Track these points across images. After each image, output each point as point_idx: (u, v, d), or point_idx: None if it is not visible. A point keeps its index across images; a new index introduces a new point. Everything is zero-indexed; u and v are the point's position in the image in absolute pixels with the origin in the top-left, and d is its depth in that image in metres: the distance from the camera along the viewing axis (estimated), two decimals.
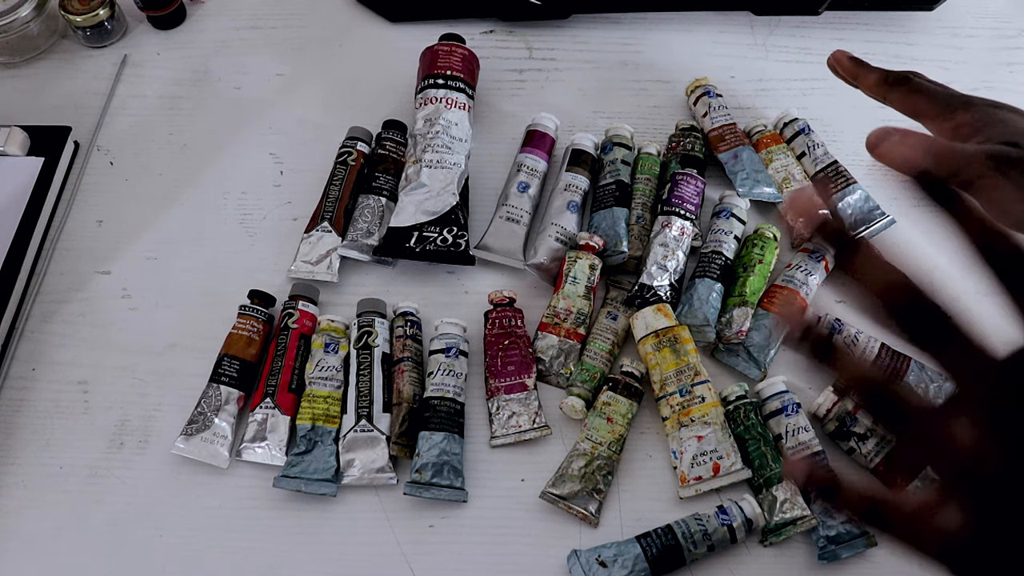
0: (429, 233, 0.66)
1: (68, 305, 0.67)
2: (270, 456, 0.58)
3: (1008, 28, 0.83)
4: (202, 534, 0.57)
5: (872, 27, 0.82)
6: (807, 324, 0.31)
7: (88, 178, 0.74)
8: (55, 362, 0.64)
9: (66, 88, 0.79)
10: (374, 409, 0.59)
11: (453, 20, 0.82)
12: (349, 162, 0.70)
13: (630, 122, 0.73)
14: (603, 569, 0.53)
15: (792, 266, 0.65)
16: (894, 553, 0.55)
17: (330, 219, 0.68)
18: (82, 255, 0.69)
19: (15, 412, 0.62)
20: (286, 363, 0.61)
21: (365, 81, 0.79)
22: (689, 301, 0.63)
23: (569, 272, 0.63)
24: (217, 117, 0.77)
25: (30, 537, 0.57)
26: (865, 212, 0.68)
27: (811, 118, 0.73)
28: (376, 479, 0.58)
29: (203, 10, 0.85)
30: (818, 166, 0.70)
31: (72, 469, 0.60)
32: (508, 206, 0.68)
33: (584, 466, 0.57)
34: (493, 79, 0.79)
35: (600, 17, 0.83)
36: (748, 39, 0.82)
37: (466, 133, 0.70)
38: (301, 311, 0.63)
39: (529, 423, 0.59)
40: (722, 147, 0.70)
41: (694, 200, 0.66)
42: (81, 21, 0.78)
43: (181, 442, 0.59)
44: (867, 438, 0.57)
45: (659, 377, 0.59)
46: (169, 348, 0.65)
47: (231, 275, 0.68)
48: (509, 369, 0.61)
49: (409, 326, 0.63)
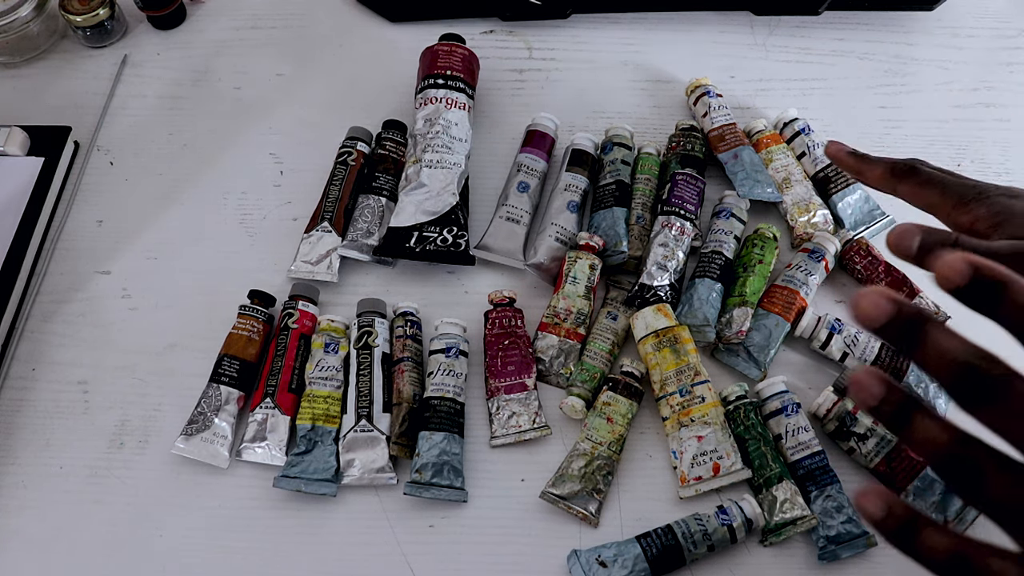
0: (429, 233, 0.66)
1: (68, 305, 0.67)
2: (270, 456, 0.58)
3: (1008, 28, 0.83)
4: (202, 534, 0.57)
5: (872, 27, 0.83)
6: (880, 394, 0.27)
7: (88, 178, 0.74)
8: (55, 362, 0.64)
9: (66, 88, 0.79)
10: (374, 409, 0.59)
11: (453, 20, 0.82)
12: (349, 162, 0.70)
13: (630, 122, 0.73)
14: (603, 569, 0.53)
15: (792, 266, 0.65)
16: (894, 553, 0.55)
17: (330, 219, 0.68)
18: (82, 255, 0.69)
19: (15, 412, 0.62)
20: (286, 363, 0.61)
21: (365, 81, 0.79)
22: (689, 301, 0.63)
23: (569, 272, 0.63)
24: (217, 117, 0.77)
25: (30, 537, 0.57)
26: (865, 212, 0.68)
27: (811, 118, 0.73)
28: (376, 479, 0.58)
29: (203, 10, 0.85)
30: (818, 166, 0.70)
31: (72, 469, 0.60)
32: (508, 206, 0.68)
33: (584, 466, 0.57)
34: (493, 79, 0.79)
35: (600, 17, 0.83)
36: (748, 39, 0.82)
37: (466, 133, 0.70)
38: (301, 311, 0.63)
39: (529, 423, 0.59)
40: (722, 147, 0.70)
41: (694, 200, 0.66)
42: (81, 21, 0.78)
43: (181, 442, 0.59)
44: (867, 438, 0.57)
45: (659, 377, 0.59)
46: (169, 348, 0.65)
47: (231, 275, 0.68)
48: (509, 369, 0.61)
49: (409, 326, 0.63)
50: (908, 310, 0.26)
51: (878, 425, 0.57)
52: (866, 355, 0.60)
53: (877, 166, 0.46)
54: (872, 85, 0.79)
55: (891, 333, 0.27)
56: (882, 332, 0.27)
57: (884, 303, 0.26)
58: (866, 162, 0.47)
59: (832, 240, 0.65)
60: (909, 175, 0.44)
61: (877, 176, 0.46)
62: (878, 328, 0.26)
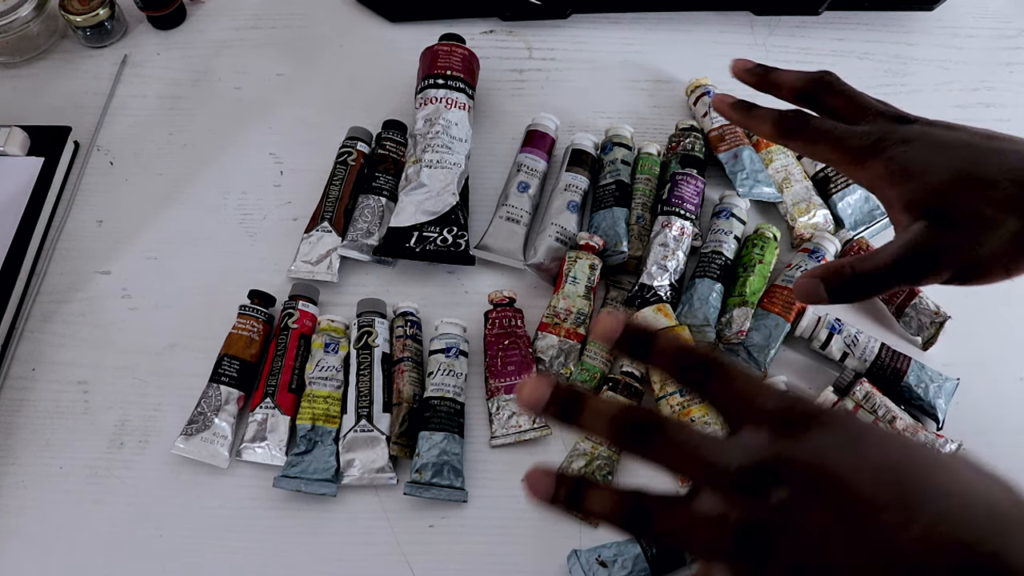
0: (429, 233, 0.66)
1: (68, 305, 0.67)
2: (270, 456, 0.58)
3: (1008, 28, 0.83)
4: (202, 534, 0.57)
5: (872, 27, 0.82)
6: (550, 485, 0.30)
7: (88, 178, 0.74)
8: (55, 362, 0.64)
9: (66, 88, 0.79)
10: (374, 409, 0.59)
11: (453, 20, 0.82)
12: (349, 162, 0.70)
13: (630, 122, 0.73)
14: (603, 569, 0.53)
15: (792, 266, 0.65)
16: None
17: (330, 219, 0.68)
18: (82, 255, 0.69)
19: (15, 412, 0.62)
20: (286, 363, 0.61)
21: (365, 81, 0.79)
22: (689, 301, 0.63)
23: (569, 272, 0.63)
24: (217, 117, 0.77)
25: (30, 537, 0.57)
26: (865, 212, 0.68)
27: None
28: (376, 479, 0.58)
29: (203, 10, 0.85)
30: (818, 166, 0.70)
31: (72, 469, 0.60)
32: (508, 206, 0.68)
33: (584, 466, 0.57)
34: (493, 79, 0.79)
35: (600, 17, 0.83)
36: (748, 39, 0.82)
37: (466, 133, 0.70)
38: (301, 311, 0.63)
39: (529, 423, 0.59)
40: (722, 147, 0.70)
41: (694, 200, 0.66)
42: (81, 21, 0.78)
43: (181, 442, 0.59)
44: None
45: (659, 377, 0.59)
46: (169, 348, 0.65)
47: (231, 275, 0.68)
48: (509, 369, 0.61)
49: (409, 326, 0.63)
50: (562, 392, 0.31)
51: (877, 425, 0.57)
52: (866, 355, 0.60)
53: (764, 121, 0.43)
54: (872, 85, 0.79)
55: (554, 411, 0.30)
56: (546, 410, 0.30)
57: (542, 386, 0.30)
58: (753, 116, 0.43)
59: (832, 240, 0.65)
60: (797, 131, 0.41)
61: (765, 132, 0.43)
62: (542, 409, 0.30)
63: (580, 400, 0.30)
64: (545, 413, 0.31)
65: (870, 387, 0.58)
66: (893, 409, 0.58)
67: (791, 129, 0.42)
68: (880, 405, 0.58)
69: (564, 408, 0.31)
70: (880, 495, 0.26)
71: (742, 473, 0.28)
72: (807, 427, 0.29)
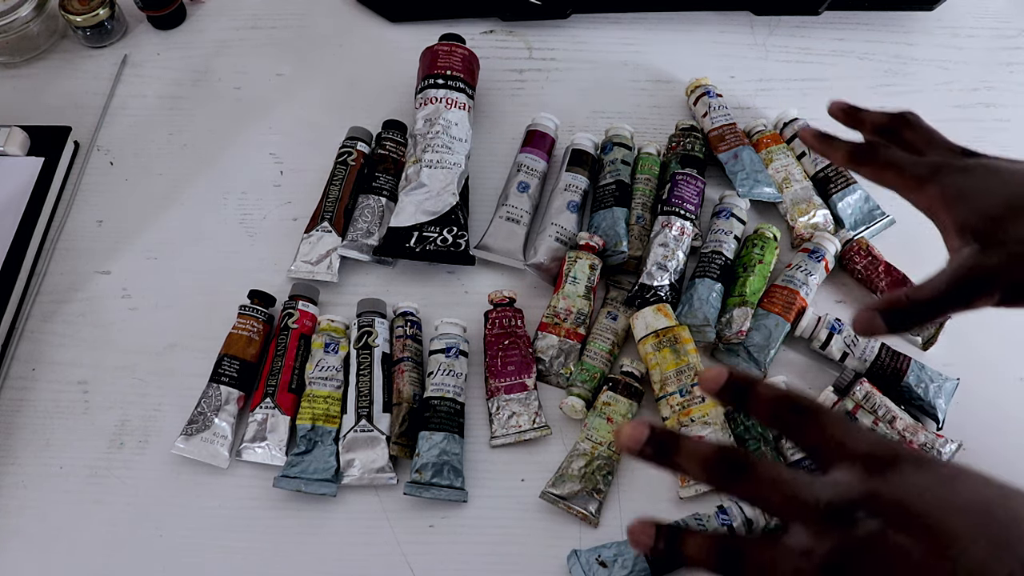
0: (429, 233, 0.66)
1: (68, 305, 0.67)
2: (270, 456, 0.58)
3: (1008, 28, 0.83)
4: (202, 534, 0.57)
5: (872, 27, 0.83)
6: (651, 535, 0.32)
7: (88, 178, 0.74)
8: (55, 362, 0.64)
9: (66, 88, 0.79)
10: (374, 409, 0.59)
11: (453, 20, 0.82)
12: (349, 162, 0.70)
13: (630, 122, 0.73)
14: (603, 569, 0.53)
15: (792, 266, 0.65)
16: None
17: (330, 219, 0.68)
18: (82, 255, 0.69)
19: (15, 412, 0.62)
20: (286, 363, 0.61)
21: (365, 81, 0.79)
22: (689, 301, 0.63)
23: (569, 272, 0.63)
24: (217, 117, 0.77)
25: (30, 537, 0.57)
26: (865, 212, 0.68)
27: (811, 118, 0.73)
28: (376, 479, 0.58)
29: (203, 10, 0.85)
30: (818, 166, 0.70)
31: (72, 469, 0.60)
32: (508, 206, 0.68)
33: (584, 466, 0.57)
34: (493, 79, 0.79)
35: (600, 17, 0.83)
36: (748, 39, 0.82)
37: (466, 133, 0.70)
38: (301, 311, 0.63)
39: (529, 423, 0.59)
40: (722, 147, 0.70)
41: (694, 200, 0.66)
42: (81, 21, 0.78)
43: (181, 442, 0.59)
44: None
45: (659, 377, 0.59)
46: (169, 348, 0.65)
47: (231, 275, 0.68)
48: (509, 369, 0.61)
49: (409, 326, 0.63)
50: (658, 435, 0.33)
51: (878, 424, 0.57)
52: (866, 355, 0.60)
53: (839, 149, 0.47)
54: (872, 85, 0.79)
55: (650, 452, 0.33)
56: (640, 454, 0.33)
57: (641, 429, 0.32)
58: (831, 146, 0.48)
59: (832, 240, 0.65)
60: (868, 159, 0.45)
61: (840, 159, 0.47)
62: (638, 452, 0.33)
63: (675, 441, 0.33)
64: (641, 456, 0.33)
65: (870, 387, 0.58)
66: (893, 409, 0.58)
67: (863, 157, 0.45)
68: (880, 405, 0.58)
69: (659, 449, 0.33)
70: (970, 530, 0.27)
71: (832, 508, 0.29)
72: (898, 466, 0.30)
